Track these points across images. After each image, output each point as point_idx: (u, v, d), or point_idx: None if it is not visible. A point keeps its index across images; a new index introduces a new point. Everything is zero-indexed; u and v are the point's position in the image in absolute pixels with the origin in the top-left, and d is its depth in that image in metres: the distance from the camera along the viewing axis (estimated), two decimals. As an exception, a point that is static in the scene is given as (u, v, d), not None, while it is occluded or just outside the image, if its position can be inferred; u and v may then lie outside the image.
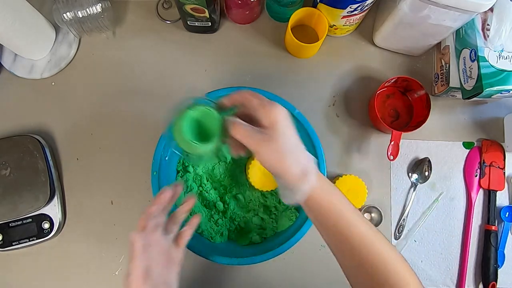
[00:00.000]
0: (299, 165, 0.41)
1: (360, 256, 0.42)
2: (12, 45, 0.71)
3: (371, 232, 0.43)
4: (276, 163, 0.41)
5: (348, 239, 0.42)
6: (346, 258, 0.43)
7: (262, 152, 0.41)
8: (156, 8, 0.79)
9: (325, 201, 0.42)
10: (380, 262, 0.41)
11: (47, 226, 0.70)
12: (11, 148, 0.70)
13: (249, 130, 0.42)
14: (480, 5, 0.56)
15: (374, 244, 0.43)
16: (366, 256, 0.42)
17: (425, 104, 0.71)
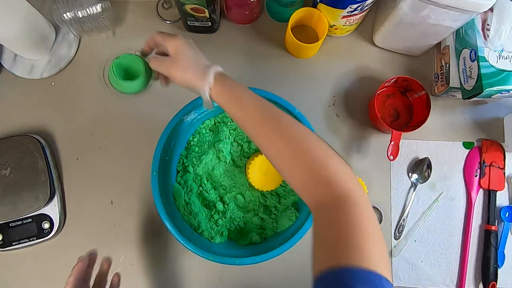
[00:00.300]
0: (199, 72, 0.50)
1: (295, 147, 0.44)
2: (12, 45, 0.71)
3: (300, 126, 0.46)
4: (183, 77, 0.51)
5: (277, 129, 0.45)
6: (280, 149, 0.44)
7: (172, 73, 0.52)
8: (156, 8, 0.79)
9: (228, 93, 0.49)
10: (319, 158, 0.43)
11: (47, 226, 0.69)
12: (11, 148, 0.70)
13: (160, 59, 0.54)
14: (480, 5, 0.56)
15: (309, 136, 0.45)
16: (302, 147, 0.44)
17: (425, 104, 0.71)
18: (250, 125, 0.47)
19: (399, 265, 0.73)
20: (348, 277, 0.34)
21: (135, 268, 0.72)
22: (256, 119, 0.47)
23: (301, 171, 0.43)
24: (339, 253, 0.37)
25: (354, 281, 0.34)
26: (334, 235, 0.39)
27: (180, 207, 0.68)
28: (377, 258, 0.36)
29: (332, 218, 0.40)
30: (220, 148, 0.69)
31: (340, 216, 0.40)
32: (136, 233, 0.73)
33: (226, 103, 0.49)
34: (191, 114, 0.66)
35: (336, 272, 0.35)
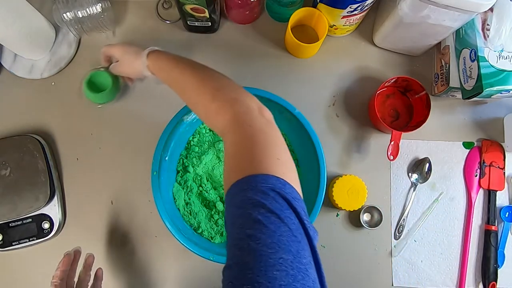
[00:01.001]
0: (136, 59, 0.60)
1: (199, 81, 0.51)
2: (12, 45, 0.71)
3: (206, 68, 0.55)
4: (130, 69, 0.64)
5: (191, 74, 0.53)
6: (191, 88, 0.52)
7: (124, 71, 0.66)
8: (156, 8, 0.79)
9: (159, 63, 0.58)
10: (215, 86, 0.50)
11: (47, 226, 0.69)
12: (11, 148, 0.70)
13: (114, 65, 0.69)
14: (480, 5, 0.56)
15: (211, 73, 0.54)
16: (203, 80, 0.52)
17: (425, 104, 0.71)
18: (171, 82, 0.55)
19: (399, 265, 0.73)
20: (237, 186, 0.39)
21: (135, 268, 0.72)
22: (174, 74, 0.55)
23: (200, 110, 0.50)
24: (244, 167, 0.40)
25: (259, 182, 0.38)
26: (239, 153, 0.42)
27: (180, 207, 0.68)
28: (265, 162, 0.40)
29: (232, 138, 0.44)
30: (220, 148, 0.69)
31: (232, 137, 0.44)
32: (136, 233, 0.73)
33: (156, 72, 0.58)
34: (191, 114, 0.66)
35: (243, 179, 0.39)
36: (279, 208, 0.37)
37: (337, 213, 0.74)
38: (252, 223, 0.36)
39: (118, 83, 0.72)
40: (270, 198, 0.37)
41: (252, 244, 0.34)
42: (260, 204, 0.37)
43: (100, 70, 0.70)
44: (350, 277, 0.72)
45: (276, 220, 0.36)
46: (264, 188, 0.38)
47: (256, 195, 0.37)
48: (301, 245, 0.36)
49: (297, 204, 0.39)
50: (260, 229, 0.35)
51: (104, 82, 0.71)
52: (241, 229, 0.36)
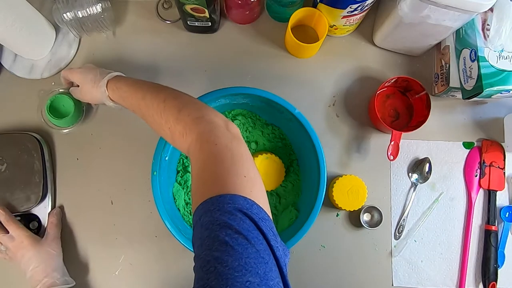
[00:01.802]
0: (96, 89, 0.61)
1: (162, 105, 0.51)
2: (12, 45, 0.71)
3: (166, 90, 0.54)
4: (90, 98, 0.65)
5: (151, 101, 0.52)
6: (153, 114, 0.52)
7: (83, 97, 0.66)
8: (156, 8, 0.79)
9: (118, 93, 0.58)
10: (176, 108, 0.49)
11: (35, 226, 0.70)
12: (10, 144, 0.70)
13: (73, 90, 0.68)
14: (480, 5, 0.56)
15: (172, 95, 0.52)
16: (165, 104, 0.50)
17: (425, 104, 0.71)
18: (134, 108, 0.55)
19: (399, 265, 0.73)
20: (204, 207, 0.39)
21: (135, 268, 0.72)
22: (134, 101, 0.55)
23: (166, 129, 0.49)
24: (210, 187, 0.40)
25: (226, 203, 0.38)
26: (205, 172, 0.42)
27: (180, 207, 0.68)
28: (230, 182, 0.40)
29: (198, 158, 0.44)
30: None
31: (196, 157, 0.44)
32: (136, 233, 0.73)
33: (120, 100, 0.58)
34: (191, 114, 0.66)
35: (209, 200, 0.38)
36: (246, 229, 0.36)
37: (337, 213, 0.74)
38: (219, 244, 0.35)
39: (81, 105, 0.73)
40: (237, 218, 0.37)
41: (218, 267, 0.34)
42: (227, 225, 0.36)
43: (60, 93, 0.72)
44: (350, 277, 0.72)
45: (243, 241, 0.35)
46: (231, 208, 0.37)
47: (223, 215, 0.37)
48: (268, 266, 0.36)
49: (264, 225, 0.38)
50: (227, 251, 0.35)
51: (66, 106, 0.72)
52: (208, 251, 0.35)
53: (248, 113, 0.72)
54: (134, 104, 0.55)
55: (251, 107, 0.70)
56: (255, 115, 0.72)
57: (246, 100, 0.67)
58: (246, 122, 0.72)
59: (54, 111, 0.72)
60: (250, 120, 0.72)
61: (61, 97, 0.72)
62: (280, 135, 0.72)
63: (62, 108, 0.72)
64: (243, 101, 0.68)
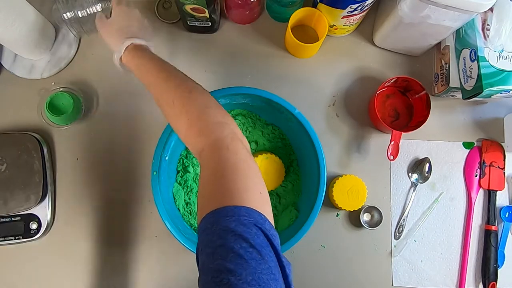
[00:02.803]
0: (118, 40, 0.58)
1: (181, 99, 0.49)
2: (12, 45, 0.71)
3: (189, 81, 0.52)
4: (106, 38, 0.61)
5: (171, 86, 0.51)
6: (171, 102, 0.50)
7: (101, 32, 0.62)
8: (156, 8, 0.79)
9: (135, 61, 0.56)
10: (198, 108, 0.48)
11: (34, 226, 0.70)
12: (10, 144, 0.70)
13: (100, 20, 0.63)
14: (480, 5, 0.56)
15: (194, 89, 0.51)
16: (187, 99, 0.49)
17: (425, 104, 0.71)
18: (151, 85, 0.53)
19: (399, 265, 0.73)
20: (219, 214, 0.38)
21: (135, 268, 0.72)
22: (152, 83, 0.52)
23: (184, 120, 0.47)
24: (226, 195, 0.40)
25: (241, 215, 0.37)
26: (221, 179, 0.41)
27: (180, 207, 0.68)
28: (248, 195, 0.40)
29: (216, 162, 0.43)
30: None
31: (214, 160, 0.43)
32: (136, 233, 0.73)
33: (133, 68, 0.56)
34: (191, 114, 0.66)
35: (224, 208, 0.38)
36: (260, 244, 0.36)
37: (337, 213, 0.74)
38: (233, 256, 0.35)
39: (80, 103, 0.73)
40: (252, 232, 0.37)
41: (232, 280, 0.33)
42: (242, 237, 0.36)
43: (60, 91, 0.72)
44: (350, 277, 0.72)
45: (257, 257, 0.35)
46: (247, 221, 0.37)
47: (238, 227, 0.36)
48: (279, 284, 0.36)
49: (276, 242, 0.38)
50: (241, 264, 0.34)
51: (66, 104, 0.72)
52: (221, 261, 0.35)
53: (248, 113, 0.72)
54: (152, 81, 0.52)
55: (251, 107, 0.70)
56: (255, 115, 0.72)
57: (246, 100, 0.67)
58: (246, 122, 0.71)
59: (54, 109, 0.72)
60: (250, 120, 0.72)
61: (61, 95, 0.72)
62: (280, 135, 0.72)
63: (61, 106, 0.73)
64: (243, 101, 0.68)
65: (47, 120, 0.72)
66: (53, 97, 0.72)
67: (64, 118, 0.71)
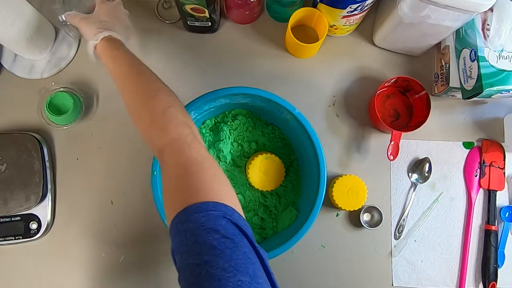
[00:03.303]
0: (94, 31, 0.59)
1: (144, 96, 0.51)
2: (12, 45, 0.71)
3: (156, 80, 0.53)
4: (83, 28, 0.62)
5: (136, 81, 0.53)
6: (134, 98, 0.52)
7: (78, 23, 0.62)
8: (156, 8, 0.79)
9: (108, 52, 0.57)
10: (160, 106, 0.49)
11: (34, 226, 0.70)
12: (10, 144, 0.70)
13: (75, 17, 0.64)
14: (480, 5, 0.56)
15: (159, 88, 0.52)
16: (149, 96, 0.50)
17: (425, 104, 0.71)
18: (118, 78, 0.54)
19: (399, 265, 0.73)
20: (188, 212, 0.39)
21: (135, 268, 0.72)
22: (121, 74, 0.54)
23: (145, 117, 0.49)
24: (193, 193, 0.41)
25: (210, 210, 0.39)
26: (187, 178, 0.43)
27: (180, 207, 0.68)
28: (213, 189, 0.41)
29: (171, 162, 0.44)
30: (220, 148, 0.69)
31: (175, 158, 0.44)
32: (136, 233, 0.73)
33: (106, 58, 0.57)
34: (191, 114, 0.66)
35: (192, 206, 0.39)
36: (232, 233, 0.38)
37: (337, 213, 0.74)
38: (208, 249, 0.36)
39: (80, 103, 0.73)
40: (222, 224, 0.38)
41: (210, 270, 0.35)
42: (214, 230, 0.37)
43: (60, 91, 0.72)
44: (350, 277, 0.72)
45: (231, 245, 0.37)
46: (216, 215, 0.39)
47: (208, 222, 0.38)
48: (256, 266, 0.37)
49: (248, 231, 0.40)
50: (216, 254, 0.36)
51: (66, 104, 0.72)
52: (197, 256, 0.36)
53: (248, 113, 0.72)
54: (123, 73, 0.54)
55: (251, 107, 0.70)
56: (255, 115, 0.72)
57: (246, 100, 0.67)
58: (246, 122, 0.71)
59: (54, 108, 0.72)
60: (250, 120, 0.72)
61: (61, 95, 0.72)
62: (280, 135, 0.72)
63: (61, 106, 0.73)
64: (243, 101, 0.68)
65: (47, 120, 0.72)
66: (53, 97, 0.72)
67: (64, 118, 0.71)
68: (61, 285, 0.71)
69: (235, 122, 0.70)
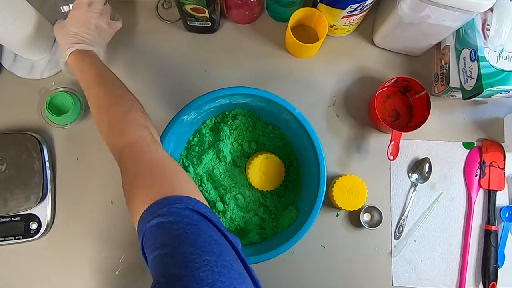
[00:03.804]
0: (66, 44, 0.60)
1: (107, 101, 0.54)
2: (12, 45, 0.71)
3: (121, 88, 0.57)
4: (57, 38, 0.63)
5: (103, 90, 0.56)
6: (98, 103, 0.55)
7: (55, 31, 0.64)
8: (156, 8, 0.79)
9: (78, 64, 0.59)
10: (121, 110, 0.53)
11: (34, 226, 0.70)
12: (10, 144, 0.70)
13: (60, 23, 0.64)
14: (480, 5, 0.56)
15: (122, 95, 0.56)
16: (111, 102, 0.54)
17: (425, 104, 0.71)
18: (85, 89, 0.57)
19: (399, 265, 0.73)
20: (152, 209, 0.41)
21: (135, 268, 0.72)
22: (87, 86, 0.57)
23: (107, 119, 0.52)
24: (156, 190, 0.42)
25: (155, 209, 0.40)
26: (148, 175, 0.45)
27: (180, 207, 0.68)
28: (174, 183, 0.43)
29: (132, 162, 0.47)
30: (220, 148, 0.69)
31: (133, 158, 0.47)
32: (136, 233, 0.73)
33: (75, 71, 0.59)
34: (191, 114, 0.66)
35: (157, 202, 0.41)
36: (197, 219, 0.39)
37: (337, 213, 0.74)
38: (173, 238, 0.38)
39: (80, 103, 0.74)
40: (186, 214, 0.39)
41: (176, 256, 0.36)
42: (177, 221, 0.39)
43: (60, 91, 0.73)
44: (350, 277, 0.72)
45: (196, 230, 0.38)
46: (179, 207, 0.40)
47: (173, 214, 0.39)
48: (223, 247, 0.38)
49: (212, 216, 0.41)
50: (182, 241, 0.37)
51: (66, 104, 0.73)
52: (164, 247, 0.37)
53: (248, 113, 0.72)
54: (89, 84, 0.56)
55: (251, 107, 0.70)
56: (255, 115, 0.72)
57: (246, 100, 0.67)
58: (246, 122, 0.71)
59: (54, 109, 0.72)
60: (250, 120, 0.72)
61: (61, 95, 0.72)
62: (280, 135, 0.72)
63: (61, 106, 0.73)
64: (243, 101, 0.68)
65: (47, 120, 0.72)
66: (53, 97, 0.72)
67: (64, 118, 0.71)
68: (61, 285, 0.71)
69: (235, 122, 0.70)
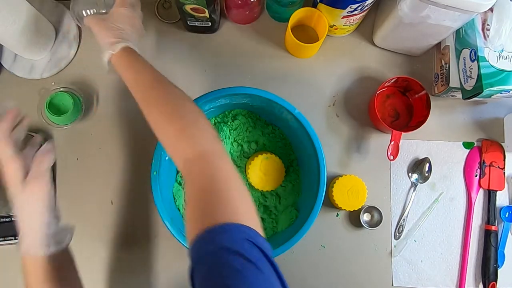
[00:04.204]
0: (110, 40, 0.55)
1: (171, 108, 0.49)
2: (12, 45, 0.71)
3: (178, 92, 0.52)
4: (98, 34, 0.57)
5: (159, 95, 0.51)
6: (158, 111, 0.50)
7: (94, 28, 0.58)
8: (156, 8, 0.79)
9: (126, 61, 0.54)
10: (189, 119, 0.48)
11: None
12: None
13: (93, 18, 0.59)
14: (480, 5, 0.55)
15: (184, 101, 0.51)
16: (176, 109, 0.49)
17: (425, 104, 0.71)
18: (141, 90, 0.52)
19: (399, 265, 0.73)
20: (212, 233, 0.38)
21: (134, 268, 0.72)
22: (145, 85, 0.52)
23: (172, 130, 0.47)
24: (218, 212, 0.40)
25: (216, 234, 0.38)
26: (213, 196, 0.41)
27: (180, 207, 0.68)
28: (239, 210, 0.41)
29: (198, 176, 0.43)
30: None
31: (204, 172, 0.43)
32: (136, 233, 0.73)
33: (123, 68, 0.54)
34: (191, 114, 0.66)
35: (217, 227, 0.38)
36: (255, 256, 0.37)
37: (337, 213, 0.74)
38: (230, 272, 0.35)
39: (80, 103, 0.73)
40: (246, 247, 0.37)
41: None
42: (237, 253, 0.37)
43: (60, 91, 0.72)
44: (350, 277, 0.72)
45: (254, 269, 0.36)
46: (240, 237, 0.38)
47: (232, 244, 0.37)
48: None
49: (270, 254, 0.39)
50: (239, 278, 0.35)
51: (66, 104, 0.72)
52: (219, 278, 0.35)
53: (248, 113, 0.72)
54: (146, 85, 0.52)
55: (251, 107, 0.70)
56: (255, 115, 0.72)
57: (246, 100, 0.67)
58: (246, 122, 0.71)
59: (54, 109, 0.72)
60: (250, 120, 0.72)
61: (61, 95, 0.72)
62: (280, 135, 0.72)
63: (61, 106, 0.73)
64: (243, 101, 0.68)
65: (47, 120, 0.72)
66: (53, 97, 0.72)
67: (64, 118, 0.71)
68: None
69: (235, 122, 0.70)
